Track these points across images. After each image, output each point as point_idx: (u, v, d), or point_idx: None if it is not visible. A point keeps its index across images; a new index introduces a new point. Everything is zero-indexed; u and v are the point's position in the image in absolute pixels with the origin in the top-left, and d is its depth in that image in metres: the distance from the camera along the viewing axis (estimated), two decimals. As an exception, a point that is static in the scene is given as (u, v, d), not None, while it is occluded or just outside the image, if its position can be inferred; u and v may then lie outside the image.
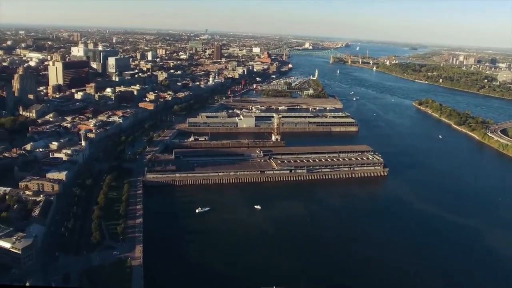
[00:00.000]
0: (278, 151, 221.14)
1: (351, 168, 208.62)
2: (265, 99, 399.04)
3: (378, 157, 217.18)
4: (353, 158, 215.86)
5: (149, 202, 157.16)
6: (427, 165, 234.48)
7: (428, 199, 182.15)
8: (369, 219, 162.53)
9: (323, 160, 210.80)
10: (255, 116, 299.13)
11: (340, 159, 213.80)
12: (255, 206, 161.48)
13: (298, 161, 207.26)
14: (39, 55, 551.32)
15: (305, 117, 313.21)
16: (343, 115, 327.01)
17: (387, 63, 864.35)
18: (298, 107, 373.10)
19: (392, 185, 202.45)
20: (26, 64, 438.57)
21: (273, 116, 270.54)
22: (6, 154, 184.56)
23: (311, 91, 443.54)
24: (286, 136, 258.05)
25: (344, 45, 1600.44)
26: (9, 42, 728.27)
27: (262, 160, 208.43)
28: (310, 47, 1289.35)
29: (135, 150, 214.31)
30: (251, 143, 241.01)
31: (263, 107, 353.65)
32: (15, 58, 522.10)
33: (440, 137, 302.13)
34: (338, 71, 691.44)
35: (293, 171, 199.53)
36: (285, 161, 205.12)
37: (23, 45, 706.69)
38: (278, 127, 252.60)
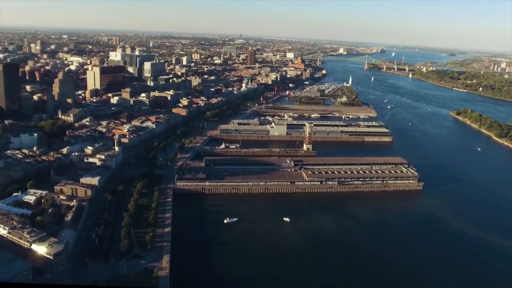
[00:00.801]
0: (309, 161, 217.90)
1: (384, 181, 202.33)
2: (297, 106, 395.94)
3: (412, 171, 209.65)
4: (386, 171, 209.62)
5: (178, 211, 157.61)
6: (464, 179, 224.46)
7: (465, 217, 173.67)
8: (401, 235, 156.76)
9: (355, 172, 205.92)
10: (286, 124, 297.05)
11: (372, 171, 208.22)
12: (284, 219, 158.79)
13: (329, 172, 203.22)
14: (80, 59, 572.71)
15: (337, 126, 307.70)
16: (377, 124, 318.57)
17: (424, 70, 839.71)
18: (331, 115, 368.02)
19: (426, 200, 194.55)
20: (66, 68, 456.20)
21: (305, 125, 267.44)
22: (44, 157, 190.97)
23: (344, 99, 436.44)
24: (317, 145, 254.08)
25: (379, 50, 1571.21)
26: (52, 46, 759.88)
27: (292, 170, 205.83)
28: (345, 53, 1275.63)
29: (167, 156, 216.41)
30: (282, 152, 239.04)
31: (295, 115, 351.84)
32: (57, 61, 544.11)
33: (479, 149, 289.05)
34: (372, 78, 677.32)
35: (324, 182, 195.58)
36: (316, 172, 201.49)
37: (65, 49, 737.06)
38: (309, 136, 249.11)
